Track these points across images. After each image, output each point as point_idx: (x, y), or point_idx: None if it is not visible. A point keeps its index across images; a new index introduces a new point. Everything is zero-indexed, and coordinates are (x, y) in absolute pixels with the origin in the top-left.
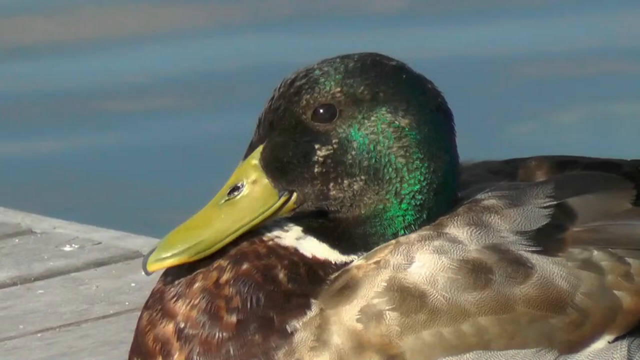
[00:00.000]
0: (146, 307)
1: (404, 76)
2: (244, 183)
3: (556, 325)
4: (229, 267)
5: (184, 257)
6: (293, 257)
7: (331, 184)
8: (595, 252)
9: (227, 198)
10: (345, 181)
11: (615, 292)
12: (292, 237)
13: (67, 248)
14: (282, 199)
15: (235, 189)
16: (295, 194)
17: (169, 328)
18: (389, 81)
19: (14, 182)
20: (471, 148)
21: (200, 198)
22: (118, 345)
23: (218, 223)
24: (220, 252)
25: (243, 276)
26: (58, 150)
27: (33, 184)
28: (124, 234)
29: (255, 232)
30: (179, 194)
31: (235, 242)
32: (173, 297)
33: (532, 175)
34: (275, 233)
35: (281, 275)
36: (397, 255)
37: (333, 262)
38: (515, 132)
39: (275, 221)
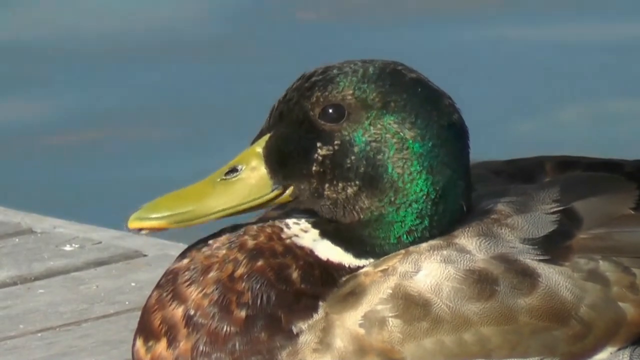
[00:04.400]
0: (158, 285)
1: (420, 89)
2: (243, 167)
3: (559, 337)
4: (244, 261)
5: (164, 222)
6: (308, 259)
7: (326, 185)
8: (601, 263)
9: (223, 177)
10: (340, 184)
11: (620, 304)
12: (309, 238)
13: (67, 248)
14: (275, 192)
15: (234, 170)
16: (291, 188)
17: (178, 312)
18: (402, 92)
19: (15, 182)
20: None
21: None
22: (118, 345)
23: (208, 199)
24: (239, 245)
25: (257, 273)
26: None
27: (34, 183)
28: (124, 233)
29: (275, 227)
30: None
31: (254, 235)
32: (186, 281)
33: (534, 176)
34: (295, 231)
35: (295, 275)
36: (405, 263)
37: (347, 266)
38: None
39: (294, 221)
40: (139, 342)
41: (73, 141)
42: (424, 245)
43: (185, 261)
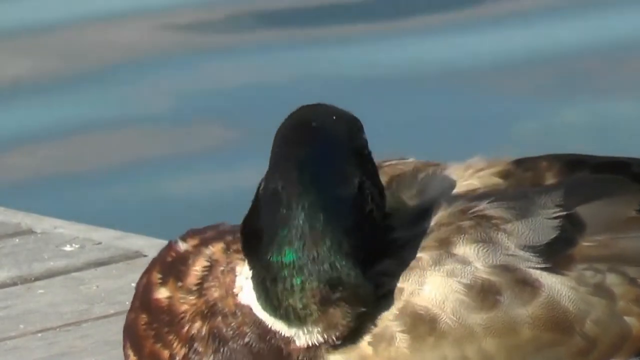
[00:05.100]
0: (142, 306)
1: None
2: None
3: (563, 353)
4: (208, 314)
5: None
6: (253, 317)
7: None
8: (607, 275)
9: None
10: None
11: (626, 318)
12: (251, 292)
13: (68, 248)
14: None
15: None
16: None
17: (164, 354)
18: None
19: (15, 181)
20: (476, 147)
21: (200, 198)
22: (118, 345)
23: None
24: (206, 294)
25: (216, 329)
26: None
27: (33, 183)
28: (124, 234)
29: (232, 274)
30: (178, 193)
31: (217, 284)
32: (166, 324)
33: (541, 177)
34: (241, 282)
35: (248, 334)
36: (410, 281)
37: (290, 339)
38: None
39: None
40: (131, 354)
41: None
42: (426, 258)
43: (164, 295)
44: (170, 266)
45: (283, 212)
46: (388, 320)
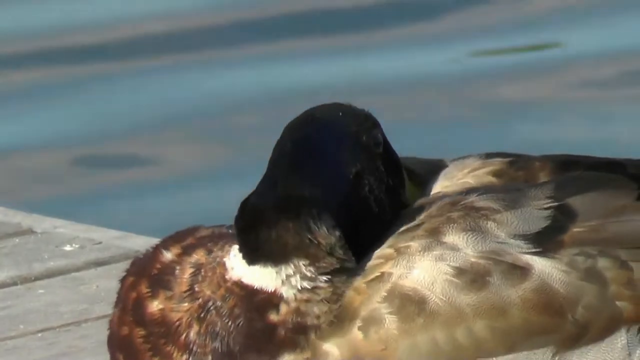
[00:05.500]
0: (135, 324)
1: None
2: None
3: (554, 336)
4: (203, 316)
5: None
6: (242, 292)
7: None
8: (599, 259)
9: None
10: None
11: (617, 302)
12: (239, 263)
13: (68, 248)
14: None
15: None
16: None
17: None
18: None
19: (15, 181)
20: (473, 147)
21: (199, 199)
22: None
23: None
24: (200, 297)
25: (212, 325)
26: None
27: (34, 183)
28: (124, 233)
29: (222, 267)
30: (180, 194)
31: (208, 282)
32: (162, 336)
33: (535, 176)
34: (233, 262)
35: (240, 320)
36: (398, 266)
37: (278, 294)
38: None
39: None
40: None
41: None
42: (415, 245)
43: (156, 308)
44: (158, 278)
45: (270, 171)
46: (376, 302)
